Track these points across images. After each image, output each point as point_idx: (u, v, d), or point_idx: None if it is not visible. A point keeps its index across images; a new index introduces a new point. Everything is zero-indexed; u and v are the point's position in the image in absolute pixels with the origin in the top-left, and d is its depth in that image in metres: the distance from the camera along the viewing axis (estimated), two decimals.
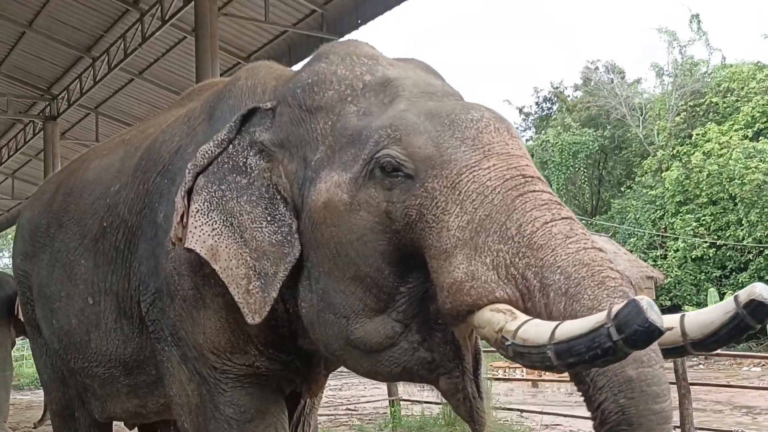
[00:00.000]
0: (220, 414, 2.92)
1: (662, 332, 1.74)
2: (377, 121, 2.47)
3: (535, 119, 38.76)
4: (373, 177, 2.39)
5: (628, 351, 1.79)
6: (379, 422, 10.14)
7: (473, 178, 2.25)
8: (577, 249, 2.08)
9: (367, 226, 2.38)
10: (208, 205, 2.64)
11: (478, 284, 2.13)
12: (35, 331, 4.34)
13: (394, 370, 2.44)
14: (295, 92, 2.71)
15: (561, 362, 1.88)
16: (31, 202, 4.59)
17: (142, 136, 3.65)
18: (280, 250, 2.57)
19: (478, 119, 2.37)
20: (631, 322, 1.72)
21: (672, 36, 31.42)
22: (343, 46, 2.83)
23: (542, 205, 2.18)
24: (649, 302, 1.73)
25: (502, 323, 2.03)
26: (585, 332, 1.82)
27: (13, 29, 14.94)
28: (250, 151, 2.71)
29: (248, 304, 2.56)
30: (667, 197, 27.06)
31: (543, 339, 1.91)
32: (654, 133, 30.11)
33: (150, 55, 14.69)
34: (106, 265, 3.40)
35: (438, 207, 2.27)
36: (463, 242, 2.19)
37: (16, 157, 20.77)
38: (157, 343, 3.11)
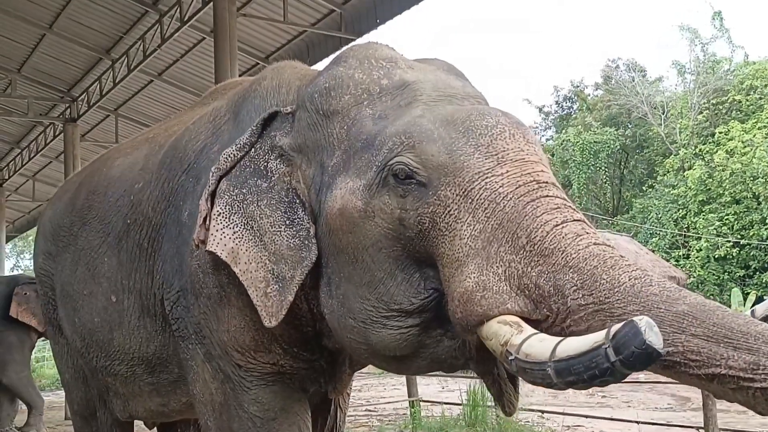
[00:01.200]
0: (243, 412, 2.94)
1: (660, 354, 1.72)
2: (392, 127, 2.47)
3: (555, 118, 38.60)
4: (386, 184, 2.40)
5: (626, 372, 1.77)
6: (399, 423, 10.10)
7: (486, 185, 2.25)
8: (587, 244, 2.07)
9: (381, 232, 2.40)
10: (229, 208, 2.69)
11: (489, 295, 2.12)
12: (56, 331, 4.34)
13: (422, 363, 2.47)
14: (313, 97, 2.72)
15: (561, 380, 1.87)
16: (52, 201, 4.61)
17: (166, 134, 3.66)
18: (298, 254, 2.59)
19: (493, 125, 2.36)
20: (629, 343, 1.71)
21: (694, 33, 31.22)
22: (362, 49, 2.82)
23: (554, 209, 2.18)
24: (648, 323, 1.72)
25: (507, 336, 2.03)
26: (584, 351, 1.82)
27: (33, 32, 15.01)
28: (271, 155, 2.74)
29: (266, 307, 2.60)
30: (690, 196, 26.88)
31: (544, 356, 1.90)
32: (676, 131, 29.91)
33: (169, 57, 14.70)
34: (129, 263, 3.41)
35: (450, 215, 2.27)
36: (475, 252, 2.19)
37: (36, 159, 20.83)
38: (181, 341, 3.12)
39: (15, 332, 9.67)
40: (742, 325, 1.81)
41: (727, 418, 9.51)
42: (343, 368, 3.07)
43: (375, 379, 18.84)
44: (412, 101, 2.54)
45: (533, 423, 9.49)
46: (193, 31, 13.32)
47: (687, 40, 31.72)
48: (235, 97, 3.22)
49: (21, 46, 15.73)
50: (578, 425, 9.41)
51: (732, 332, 1.80)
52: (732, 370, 1.78)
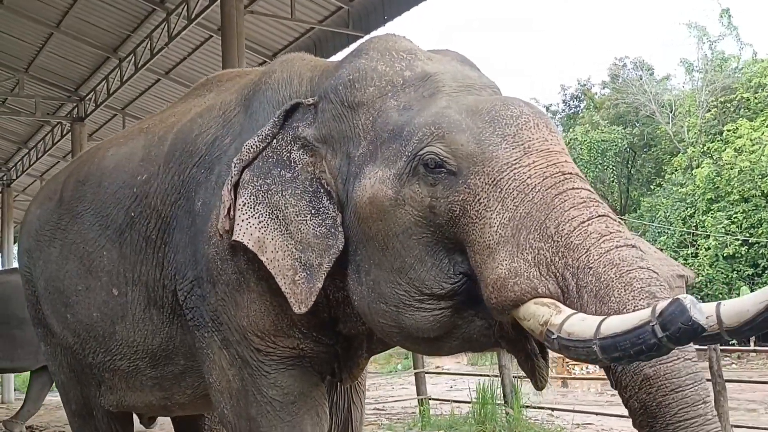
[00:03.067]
0: (262, 396, 2.97)
1: (705, 330, 1.85)
2: (419, 118, 2.54)
3: (562, 117, 38.53)
4: (417, 173, 2.47)
5: (672, 347, 1.90)
6: (408, 421, 10.08)
7: (514, 175, 2.33)
8: (609, 248, 2.17)
9: (412, 220, 2.47)
10: (254, 198, 2.76)
11: (522, 280, 2.21)
12: (46, 332, 4.26)
13: (454, 344, 2.56)
14: (337, 89, 2.78)
15: (606, 356, 1.97)
16: (36, 198, 4.54)
17: (163, 125, 3.63)
18: (325, 242, 2.67)
19: (518, 115, 2.45)
20: (676, 320, 1.83)
21: (702, 31, 31.12)
22: (381, 41, 2.89)
23: (580, 204, 2.26)
24: (692, 300, 1.83)
25: (547, 316, 2.13)
26: (630, 329, 1.92)
27: (40, 31, 15.02)
28: (294, 145, 2.81)
29: (294, 294, 2.68)
30: (698, 195, 26.79)
31: (589, 333, 2.00)
32: (684, 129, 29.81)
33: (176, 55, 14.71)
34: (134, 255, 3.40)
35: (480, 203, 2.35)
36: (506, 239, 2.28)
37: (44, 159, 20.88)
38: (196, 330, 3.14)
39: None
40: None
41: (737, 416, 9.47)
42: (359, 352, 3.10)
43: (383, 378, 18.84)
44: (435, 92, 2.61)
45: (543, 420, 9.45)
46: (200, 29, 13.32)
47: (695, 38, 31.63)
48: (244, 90, 3.24)
49: (28, 45, 15.75)
50: (588, 423, 9.37)
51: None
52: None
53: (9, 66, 16.66)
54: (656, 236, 27.98)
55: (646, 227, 29.00)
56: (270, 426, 2.96)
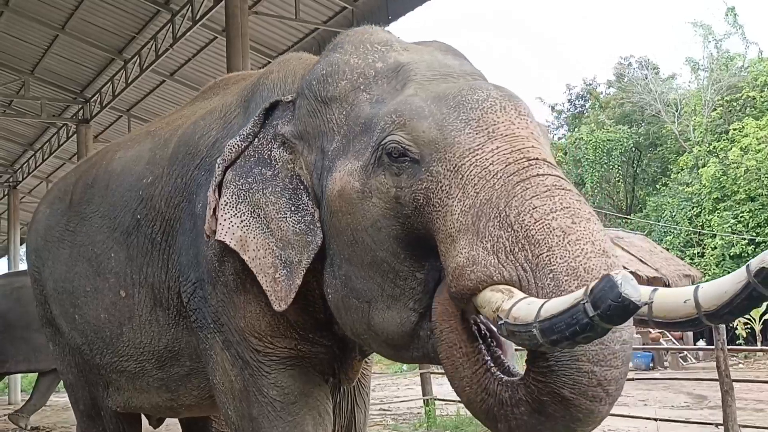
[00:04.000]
0: (263, 397, 2.96)
1: (638, 306, 1.74)
2: (385, 107, 2.48)
3: (567, 117, 38.45)
4: (381, 164, 2.42)
5: (606, 326, 1.79)
6: (414, 422, 10.06)
7: (476, 161, 2.27)
8: (575, 255, 2.06)
9: (380, 212, 2.42)
10: (236, 198, 2.74)
11: (479, 268, 2.14)
12: (54, 331, 4.29)
13: (415, 354, 2.49)
14: (311, 84, 2.76)
15: (546, 339, 1.89)
16: (45, 199, 4.58)
17: (169, 128, 3.66)
18: (304, 238, 2.64)
19: (483, 99, 2.37)
20: (606, 297, 1.73)
21: (707, 30, 31.04)
22: (357, 34, 2.86)
23: (544, 192, 2.16)
24: (625, 276, 1.73)
25: (499, 302, 2.06)
26: (565, 309, 1.83)
27: (45, 33, 15.06)
28: (274, 143, 2.80)
29: (275, 291, 2.66)
30: (704, 194, 26.69)
31: (531, 317, 1.92)
32: (690, 129, 29.74)
33: (181, 57, 14.73)
34: (140, 257, 3.41)
35: (443, 191, 2.29)
36: (466, 227, 2.21)
37: (50, 160, 20.93)
38: (199, 331, 3.14)
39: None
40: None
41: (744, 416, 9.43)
42: (353, 354, 3.07)
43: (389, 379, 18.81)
44: (406, 82, 2.55)
45: None
46: (204, 31, 13.35)
47: (700, 37, 31.54)
48: (244, 91, 3.25)
49: (34, 47, 15.80)
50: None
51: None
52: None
53: (15, 68, 16.72)
54: (662, 236, 27.90)
55: (652, 227, 28.93)
56: (271, 426, 2.94)
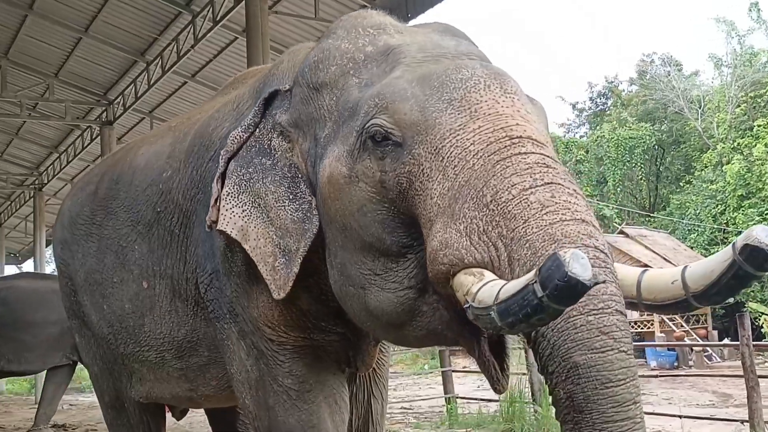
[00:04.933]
0: (279, 386, 2.96)
1: (587, 286, 1.65)
2: (370, 91, 2.45)
3: (589, 115, 38.26)
4: (366, 148, 2.40)
5: (557, 307, 1.72)
6: (436, 420, 10.04)
7: (456, 142, 2.21)
8: (552, 221, 1.99)
9: (366, 197, 2.39)
10: (237, 188, 2.76)
11: (450, 252, 2.09)
12: (81, 323, 4.34)
13: (420, 334, 2.41)
14: (304, 72, 2.76)
15: (503, 322, 1.82)
16: (72, 191, 4.64)
17: (189, 122, 3.70)
18: (301, 226, 2.63)
19: (467, 78, 2.30)
20: (552, 276, 1.65)
21: (730, 26, 30.81)
22: (350, 18, 2.82)
23: (525, 170, 2.09)
24: (574, 254, 1.65)
25: (468, 285, 2.00)
26: (517, 290, 1.77)
27: (69, 36, 15.19)
28: (273, 133, 2.80)
29: (274, 280, 2.67)
30: (729, 191, 26.48)
31: (491, 299, 1.86)
32: (713, 125, 29.51)
33: (202, 58, 14.80)
34: (160, 249, 3.46)
35: (424, 174, 2.25)
36: (443, 210, 2.17)
37: (74, 163, 21.08)
38: (216, 321, 3.16)
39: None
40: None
41: None
42: (367, 340, 3.05)
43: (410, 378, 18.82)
44: (395, 65, 2.50)
45: None
46: (225, 31, 13.40)
47: (723, 33, 31.36)
48: (256, 83, 3.25)
49: (58, 50, 15.94)
50: None
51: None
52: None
53: (39, 71, 16.88)
54: (686, 234, 27.72)
55: (675, 225, 28.73)
56: (287, 415, 2.95)
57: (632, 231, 26.02)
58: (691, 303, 1.94)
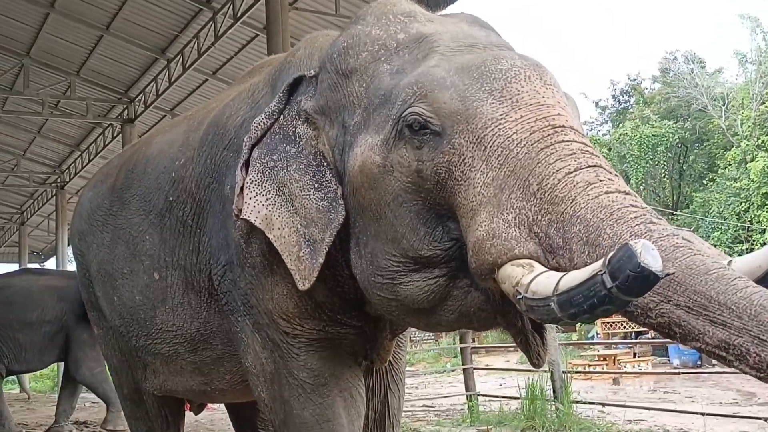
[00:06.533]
0: (294, 379, 2.92)
1: (659, 277, 1.64)
2: (406, 78, 2.41)
3: (612, 112, 38.05)
4: (402, 137, 2.36)
5: (625, 299, 1.70)
6: (457, 418, 10.00)
7: (499, 131, 2.19)
8: (597, 194, 1.99)
9: (401, 186, 2.37)
10: (261, 176, 2.70)
11: (499, 242, 2.08)
12: (99, 315, 4.32)
13: (451, 317, 2.41)
14: (332, 57, 2.70)
15: (564, 313, 1.81)
16: (91, 183, 4.63)
17: (204, 111, 3.67)
18: (327, 216, 2.58)
19: (507, 68, 2.29)
20: (624, 267, 1.64)
21: (755, 22, 30.48)
22: (380, 5, 2.76)
23: (568, 155, 2.10)
24: (645, 245, 1.63)
25: (518, 277, 1.99)
26: (582, 281, 1.76)
27: (91, 34, 15.30)
28: (298, 120, 2.74)
29: (299, 270, 2.62)
30: (753, 189, 26.20)
31: (549, 290, 1.85)
32: (737, 123, 29.20)
33: (223, 55, 14.86)
34: (173, 239, 3.41)
35: (465, 163, 2.23)
36: (487, 200, 2.15)
37: (96, 161, 21.20)
38: (230, 314, 3.12)
39: (87, 329, 9.77)
40: (721, 294, 1.74)
41: None
42: (384, 334, 3.01)
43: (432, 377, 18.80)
44: (429, 53, 2.47)
45: (593, 416, 9.32)
46: (245, 28, 13.45)
47: (748, 29, 30.99)
48: (272, 70, 3.20)
49: (79, 48, 16.07)
50: (640, 419, 9.20)
51: (710, 303, 1.74)
52: (709, 346, 1.75)
53: (61, 69, 17.02)
54: (710, 232, 27.47)
55: (699, 223, 28.49)
56: (302, 408, 2.92)
57: None
58: None
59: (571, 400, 8.83)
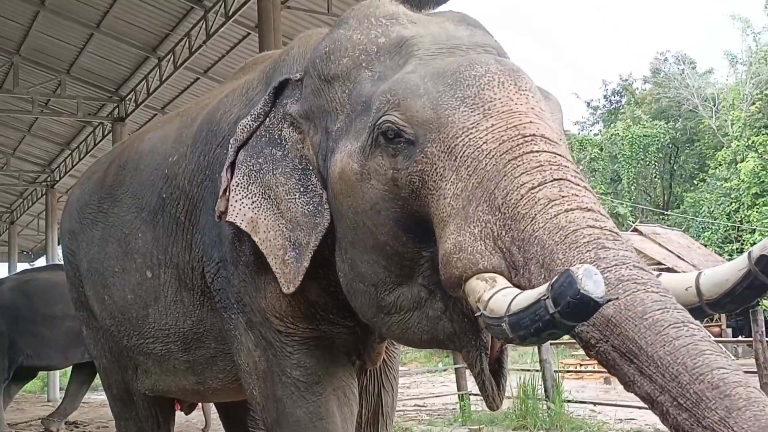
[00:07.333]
0: (287, 377, 2.91)
1: (599, 304, 1.63)
2: (383, 86, 2.38)
3: (603, 113, 38.16)
4: (378, 145, 2.34)
5: (569, 323, 1.69)
6: (449, 417, 10.00)
7: (469, 141, 2.16)
8: (557, 212, 1.96)
9: (379, 194, 2.35)
10: (247, 178, 2.71)
11: (465, 255, 2.06)
12: (88, 314, 4.28)
13: (424, 337, 2.41)
14: (315, 62, 2.69)
15: (514, 335, 1.80)
16: (81, 180, 4.60)
17: (197, 108, 3.64)
18: (312, 220, 2.59)
19: (481, 75, 2.24)
20: (565, 293, 1.64)
21: (746, 23, 30.65)
22: (363, 8, 2.73)
23: (534, 168, 2.05)
24: (587, 271, 1.62)
25: (480, 292, 1.97)
26: (529, 305, 1.75)
27: (81, 32, 15.19)
28: (284, 123, 2.74)
29: (284, 273, 2.63)
30: (743, 189, 26.35)
31: (502, 310, 1.84)
32: (728, 123, 29.37)
33: (214, 53, 14.78)
34: (166, 237, 3.38)
35: (437, 173, 2.21)
36: (456, 211, 2.13)
37: (86, 160, 21.03)
38: (223, 312, 3.11)
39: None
40: (650, 345, 1.72)
41: None
42: (373, 336, 2.99)
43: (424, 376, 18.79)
44: (409, 58, 2.44)
45: (585, 416, 9.32)
46: (237, 27, 13.39)
47: (738, 30, 31.21)
48: (266, 68, 3.18)
49: (70, 46, 15.95)
50: (631, 418, 9.20)
51: (640, 352, 1.73)
52: (639, 395, 1.76)
53: (51, 67, 16.89)
54: (700, 232, 27.60)
55: (689, 223, 28.60)
56: (295, 406, 2.90)
57: (646, 229, 25.92)
58: (704, 310, 1.91)
59: (562, 399, 8.86)
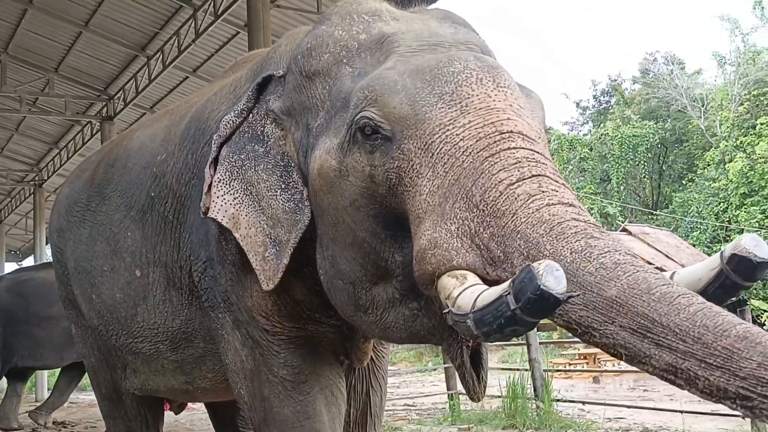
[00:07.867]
0: (274, 376, 2.90)
1: (560, 300, 1.64)
2: (361, 82, 2.38)
3: (593, 113, 38.24)
4: (356, 141, 2.34)
5: (531, 320, 1.70)
6: (438, 417, 10.00)
7: (446, 138, 2.15)
8: (539, 207, 1.95)
9: (357, 191, 2.34)
10: (229, 174, 2.70)
11: (439, 252, 2.04)
12: (77, 313, 4.27)
13: (403, 334, 2.42)
14: (297, 58, 2.69)
15: (479, 331, 1.80)
16: (69, 179, 4.59)
17: (186, 106, 3.65)
18: (293, 217, 2.58)
19: (459, 71, 2.23)
20: (525, 289, 1.65)
21: (734, 23, 30.75)
22: (346, 4, 2.73)
23: (512, 165, 2.04)
24: (548, 266, 1.63)
25: (450, 289, 1.96)
26: (492, 301, 1.76)
27: (70, 30, 15.16)
28: (267, 119, 2.74)
29: (264, 270, 2.62)
30: (731, 189, 26.39)
31: (468, 307, 1.84)
32: (716, 124, 29.43)
33: (203, 52, 14.77)
34: (154, 236, 3.37)
35: (414, 170, 2.20)
36: (432, 208, 2.12)
37: (75, 159, 20.98)
38: (210, 311, 3.10)
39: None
40: (664, 315, 1.69)
41: None
42: (358, 335, 2.98)
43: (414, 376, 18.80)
44: (389, 54, 2.43)
45: (574, 415, 9.34)
46: (226, 26, 13.39)
47: (727, 31, 31.29)
48: (254, 66, 3.18)
49: (58, 45, 15.91)
50: (620, 417, 9.23)
51: (654, 325, 1.70)
52: (656, 369, 1.71)
53: (39, 66, 16.83)
54: (689, 232, 27.64)
55: (678, 223, 28.67)
56: (282, 405, 2.89)
57: (635, 228, 25.96)
58: None
59: (551, 398, 8.87)
